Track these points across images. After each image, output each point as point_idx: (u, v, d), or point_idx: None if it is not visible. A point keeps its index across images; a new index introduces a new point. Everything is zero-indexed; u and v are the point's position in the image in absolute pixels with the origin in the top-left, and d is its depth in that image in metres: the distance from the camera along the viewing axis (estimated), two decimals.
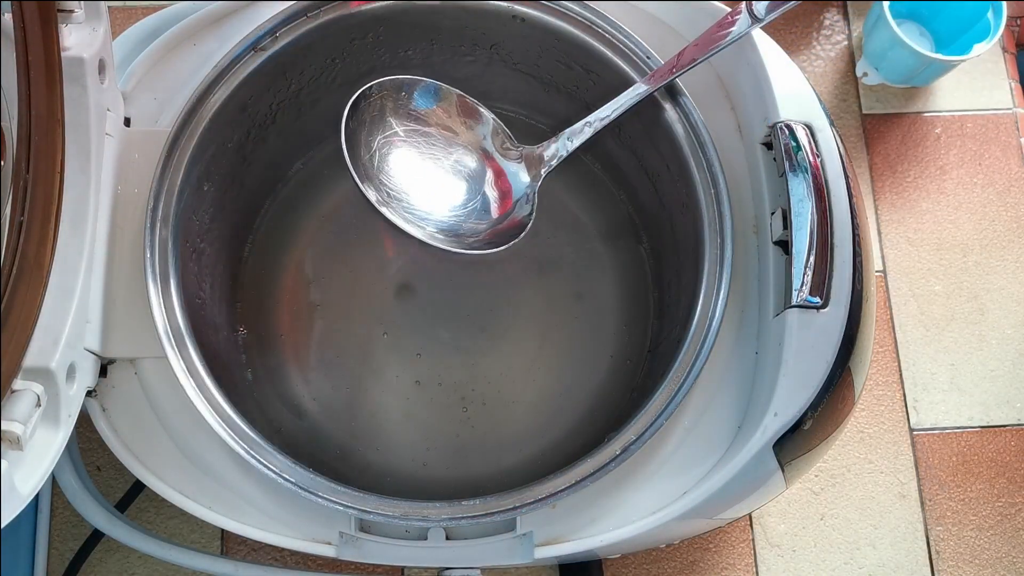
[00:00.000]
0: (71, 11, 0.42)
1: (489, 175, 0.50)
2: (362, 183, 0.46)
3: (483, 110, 0.50)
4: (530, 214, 0.49)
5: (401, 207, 0.48)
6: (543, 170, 0.50)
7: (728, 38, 0.46)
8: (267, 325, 0.58)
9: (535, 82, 0.56)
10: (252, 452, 0.43)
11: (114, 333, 0.45)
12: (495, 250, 0.47)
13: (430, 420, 0.56)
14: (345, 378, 0.57)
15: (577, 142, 0.49)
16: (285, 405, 0.56)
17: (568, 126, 0.59)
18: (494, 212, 0.50)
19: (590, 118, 0.49)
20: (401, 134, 0.49)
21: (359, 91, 0.47)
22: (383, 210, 0.46)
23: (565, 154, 0.50)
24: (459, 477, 0.55)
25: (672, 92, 0.48)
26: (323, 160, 0.60)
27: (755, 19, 0.45)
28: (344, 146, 0.46)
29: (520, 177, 0.50)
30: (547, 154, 0.50)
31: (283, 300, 0.58)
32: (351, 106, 0.46)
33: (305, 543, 0.44)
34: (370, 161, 0.48)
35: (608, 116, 0.48)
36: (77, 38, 0.43)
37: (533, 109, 0.60)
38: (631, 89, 0.48)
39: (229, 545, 0.59)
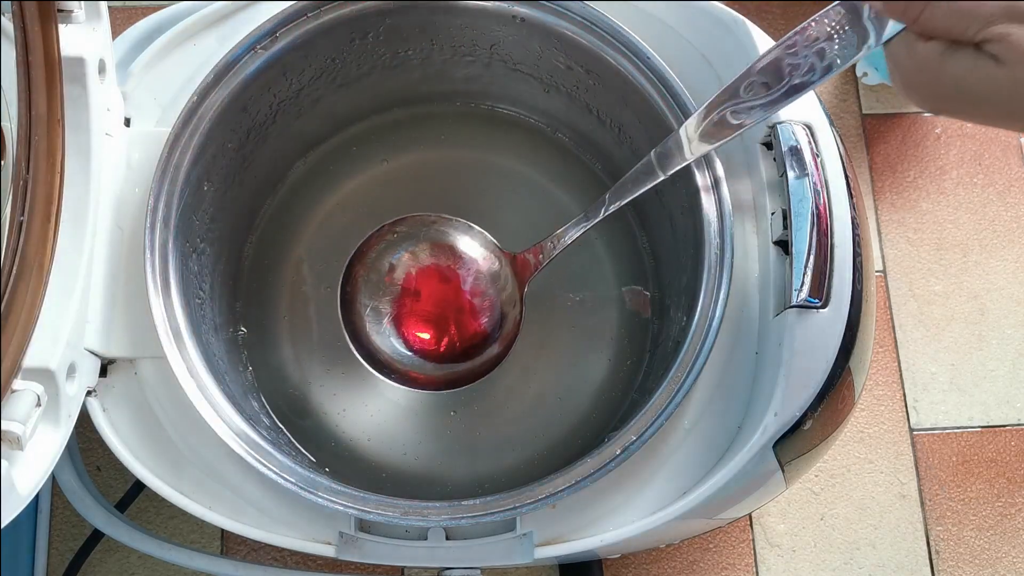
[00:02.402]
0: (71, 11, 0.42)
1: (480, 310, 0.52)
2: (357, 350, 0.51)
3: (467, 245, 0.52)
4: (517, 324, 0.51)
5: (398, 364, 0.52)
6: (530, 276, 0.51)
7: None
8: (267, 324, 0.58)
9: (535, 82, 0.56)
10: (252, 452, 0.43)
11: (114, 333, 0.45)
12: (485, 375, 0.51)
13: (429, 420, 0.56)
14: (344, 377, 0.57)
15: (561, 247, 0.50)
16: (285, 404, 0.56)
17: (568, 126, 0.60)
18: (486, 341, 0.52)
19: (571, 227, 0.50)
20: (385, 302, 0.52)
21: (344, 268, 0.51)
22: (383, 376, 0.51)
23: (552, 256, 0.51)
24: (459, 478, 0.55)
25: (673, 95, 0.48)
26: (323, 160, 0.60)
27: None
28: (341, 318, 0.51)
29: (506, 295, 0.52)
30: (535, 260, 0.51)
31: (283, 299, 0.58)
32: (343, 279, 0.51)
33: (305, 543, 0.44)
34: (366, 322, 0.52)
35: (587, 226, 0.50)
36: (77, 38, 0.43)
37: (533, 109, 0.60)
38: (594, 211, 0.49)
39: (229, 545, 0.59)
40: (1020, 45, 0.29)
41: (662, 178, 0.45)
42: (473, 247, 0.52)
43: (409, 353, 0.52)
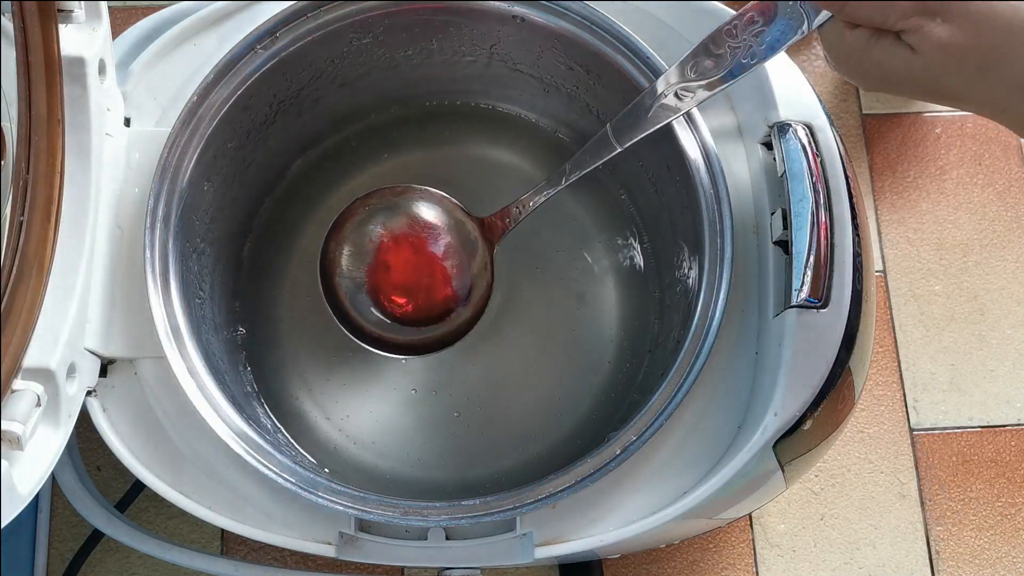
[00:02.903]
0: (71, 11, 0.42)
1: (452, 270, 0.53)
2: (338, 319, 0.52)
3: (436, 211, 0.53)
4: (489, 286, 0.52)
5: (377, 331, 0.53)
6: (498, 239, 0.53)
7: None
8: (267, 325, 0.58)
9: (535, 82, 0.56)
10: (252, 452, 0.43)
11: (114, 333, 0.45)
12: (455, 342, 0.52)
13: (429, 422, 0.56)
14: (344, 377, 0.57)
15: (527, 212, 0.51)
16: (285, 405, 0.56)
17: (568, 126, 0.60)
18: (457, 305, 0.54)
19: (534, 193, 0.51)
20: (360, 270, 0.53)
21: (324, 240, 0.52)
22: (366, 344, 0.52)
23: (519, 220, 0.52)
24: (460, 479, 0.55)
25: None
26: (323, 160, 0.60)
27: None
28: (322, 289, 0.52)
29: (478, 257, 0.53)
30: (502, 223, 0.52)
31: (283, 299, 0.58)
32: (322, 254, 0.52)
33: (305, 543, 0.44)
34: (344, 292, 0.53)
35: (551, 192, 0.51)
36: (77, 38, 0.43)
37: (533, 109, 0.60)
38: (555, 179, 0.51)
39: (229, 545, 0.59)
40: (931, 37, 0.34)
41: (618, 150, 0.47)
42: (441, 213, 0.54)
43: (385, 318, 0.53)
